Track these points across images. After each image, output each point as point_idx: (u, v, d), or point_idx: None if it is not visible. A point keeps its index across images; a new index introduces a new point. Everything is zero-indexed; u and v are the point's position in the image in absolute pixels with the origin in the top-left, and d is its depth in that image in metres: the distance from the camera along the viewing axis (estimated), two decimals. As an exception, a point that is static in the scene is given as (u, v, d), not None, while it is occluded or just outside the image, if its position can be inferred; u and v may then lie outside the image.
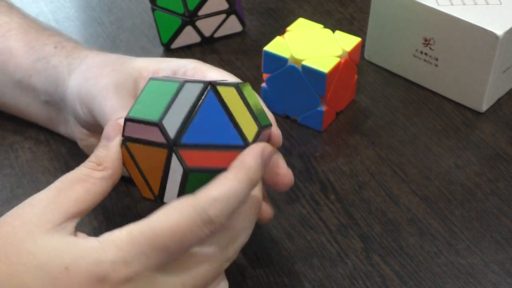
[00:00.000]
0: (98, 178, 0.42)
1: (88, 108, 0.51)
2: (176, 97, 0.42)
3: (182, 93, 0.42)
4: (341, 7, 0.76)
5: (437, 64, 0.64)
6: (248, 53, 0.70)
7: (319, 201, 0.56)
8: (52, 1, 0.76)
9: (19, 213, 0.41)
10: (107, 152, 0.43)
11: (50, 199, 0.41)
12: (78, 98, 0.52)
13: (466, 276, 0.51)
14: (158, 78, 0.44)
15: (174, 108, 0.41)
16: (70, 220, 0.41)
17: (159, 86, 0.43)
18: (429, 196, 0.56)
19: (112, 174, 0.43)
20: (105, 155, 0.43)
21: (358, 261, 0.51)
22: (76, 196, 0.41)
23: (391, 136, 0.62)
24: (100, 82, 0.50)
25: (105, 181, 0.42)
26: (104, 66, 0.52)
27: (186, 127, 0.41)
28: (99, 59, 0.53)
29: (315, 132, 0.62)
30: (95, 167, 0.43)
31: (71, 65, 0.54)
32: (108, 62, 0.53)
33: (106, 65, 0.52)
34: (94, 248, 0.39)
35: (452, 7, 0.62)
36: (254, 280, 0.50)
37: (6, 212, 0.54)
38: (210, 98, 0.41)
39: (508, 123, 0.63)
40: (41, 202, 0.41)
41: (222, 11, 0.70)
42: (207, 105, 0.41)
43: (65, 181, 0.42)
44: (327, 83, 0.58)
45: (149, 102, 0.43)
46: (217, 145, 0.41)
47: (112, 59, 0.53)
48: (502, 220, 0.55)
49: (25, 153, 0.58)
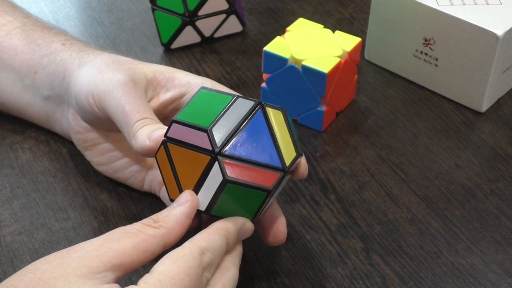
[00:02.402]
0: (150, 234, 0.42)
1: (100, 100, 0.50)
2: (228, 109, 0.44)
3: (234, 107, 0.44)
4: (341, 7, 0.76)
5: (437, 64, 0.64)
6: (248, 53, 0.70)
7: (319, 201, 0.56)
8: (52, 1, 0.76)
9: (62, 255, 0.41)
10: (169, 213, 0.44)
11: (95, 247, 0.41)
12: (88, 89, 0.51)
13: (466, 276, 0.51)
14: (209, 89, 0.46)
15: (224, 119, 0.43)
16: (110, 271, 0.40)
17: (210, 97, 0.45)
18: (429, 196, 0.56)
19: (165, 234, 0.42)
20: (166, 215, 0.43)
21: (358, 261, 0.51)
22: (121, 249, 0.41)
23: (391, 136, 0.62)
24: (118, 77, 0.50)
25: (157, 239, 0.42)
26: (119, 63, 0.52)
27: (233, 139, 0.43)
28: (114, 58, 0.53)
29: (315, 132, 0.62)
30: (151, 223, 0.43)
31: (82, 59, 0.54)
32: (124, 61, 0.53)
33: (121, 63, 0.52)
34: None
35: (452, 7, 0.62)
36: (254, 280, 0.50)
37: (5, 212, 0.54)
38: (258, 117, 0.44)
39: (508, 123, 0.63)
40: (86, 248, 0.41)
41: (222, 11, 0.70)
42: (254, 123, 0.43)
43: (115, 232, 0.42)
44: (327, 83, 0.58)
45: (198, 109, 0.44)
46: (256, 162, 0.43)
47: (127, 59, 0.53)
48: (502, 220, 0.55)
49: (25, 153, 0.58)
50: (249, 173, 0.43)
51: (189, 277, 0.40)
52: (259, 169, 0.43)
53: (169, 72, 0.52)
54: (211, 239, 0.43)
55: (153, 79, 0.52)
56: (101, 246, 0.41)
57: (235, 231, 0.44)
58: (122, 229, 0.42)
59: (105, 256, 0.40)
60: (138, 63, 0.53)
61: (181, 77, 0.52)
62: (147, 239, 0.41)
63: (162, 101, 0.52)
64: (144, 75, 0.52)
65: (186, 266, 0.41)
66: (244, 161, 0.43)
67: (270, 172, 0.43)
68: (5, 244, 0.52)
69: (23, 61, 0.57)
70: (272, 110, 0.45)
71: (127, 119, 0.48)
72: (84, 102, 0.51)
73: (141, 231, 0.42)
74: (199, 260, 0.41)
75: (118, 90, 0.49)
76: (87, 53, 0.55)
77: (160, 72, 0.52)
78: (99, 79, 0.51)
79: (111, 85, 0.50)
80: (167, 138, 0.45)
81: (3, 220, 0.53)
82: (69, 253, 0.40)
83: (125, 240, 0.41)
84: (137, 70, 0.52)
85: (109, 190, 0.56)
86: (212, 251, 0.42)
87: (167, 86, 0.52)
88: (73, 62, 0.54)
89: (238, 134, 0.43)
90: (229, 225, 0.44)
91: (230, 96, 0.45)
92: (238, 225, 0.44)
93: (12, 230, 0.53)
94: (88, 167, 0.57)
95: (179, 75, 0.52)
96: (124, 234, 0.41)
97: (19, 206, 0.54)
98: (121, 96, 0.49)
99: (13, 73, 0.57)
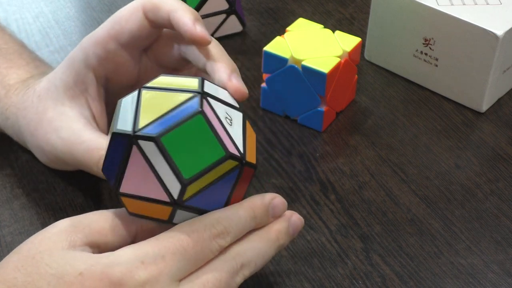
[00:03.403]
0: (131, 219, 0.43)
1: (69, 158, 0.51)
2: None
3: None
4: (341, 7, 0.76)
5: (437, 64, 0.64)
6: (248, 53, 0.70)
7: (319, 201, 0.56)
8: (52, 1, 0.76)
9: (42, 233, 0.42)
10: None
11: (73, 222, 0.42)
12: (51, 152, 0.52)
13: (466, 276, 0.51)
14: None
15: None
16: (88, 246, 0.41)
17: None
18: (429, 196, 0.56)
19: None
20: None
21: (358, 261, 0.51)
22: (99, 228, 0.42)
23: (391, 136, 0.62)
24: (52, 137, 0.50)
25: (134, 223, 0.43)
26: (43, 112, 0.51)
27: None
28: (35, 110, 0.52)
29: (315, 132, 0.62)
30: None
31: (19, 121, 0.53)
32: (44, 102, 0.52)
33: (48, 108, 0.51)
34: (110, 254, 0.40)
35: (452, 7, 0.62)
36: (254, 280, 0.50)
37: (5, 212, 0.54)
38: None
39: (508, 123, 0.63)
40: (64, 223, 0.42)
41: (222, 11, 0.70)
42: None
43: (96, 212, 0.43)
44: (327, 83, 0.58)
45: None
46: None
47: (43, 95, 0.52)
48: (502, 220, 0.55)
49: (25, 153, 0.58)
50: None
51: (190, 238, 0.40)
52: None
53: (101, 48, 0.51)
54: (230, 210, 0.42)
55: (86, 58, 0.51)
56: (79, 222, 0.42)
57: (261, 205, 0.44)
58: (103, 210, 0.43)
59: (83, 232, 0.41)
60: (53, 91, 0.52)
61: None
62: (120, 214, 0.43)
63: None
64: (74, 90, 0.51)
65: (190, 229, 0.41)
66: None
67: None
68: (5, 244, 0.52)
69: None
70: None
71: (87, 159, 0.49)
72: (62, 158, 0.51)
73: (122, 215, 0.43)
74: (209, 226, 0.41)
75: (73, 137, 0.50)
76: (18, 108, 0.53)
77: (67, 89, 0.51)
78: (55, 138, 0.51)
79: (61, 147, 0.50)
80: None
81: (3, 220, 0.53)
82: (48, 229, 0.42)
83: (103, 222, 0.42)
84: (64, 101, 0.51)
85: (109, 190, 0.56)
86: (229, 220, 0.42)
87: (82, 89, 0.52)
88: (21, 130, 0.54)
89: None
90: (255, 200, 0.44)
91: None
92: (266, 200, 0.44)
93: (12, 230, 0.53)
94: (88, 167, 0.57)
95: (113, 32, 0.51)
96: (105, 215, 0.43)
97: (19, 206, 0.54)
98: (80, 144, 0.49)
99: None
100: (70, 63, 0.51)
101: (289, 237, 0.45)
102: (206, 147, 0.40)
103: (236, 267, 0.42)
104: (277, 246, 0.44)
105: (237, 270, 0.42)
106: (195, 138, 0.40)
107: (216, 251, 0.41)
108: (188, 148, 0.40)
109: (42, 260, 0.40)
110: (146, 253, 0.40)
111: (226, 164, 0.41)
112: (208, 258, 0.41)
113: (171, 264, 0.40)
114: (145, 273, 0.39)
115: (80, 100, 0.51)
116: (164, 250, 0.40)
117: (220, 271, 0.41)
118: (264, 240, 0.44)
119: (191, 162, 0.40)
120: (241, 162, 0.41)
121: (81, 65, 0.50)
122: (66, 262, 0.39)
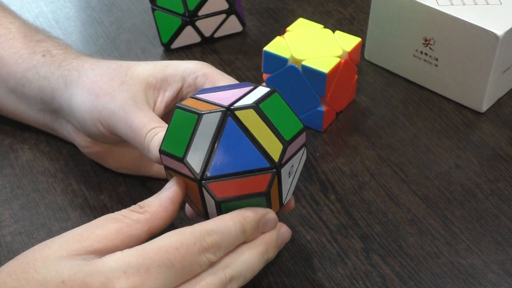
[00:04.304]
0: (134, 220, 0.42)
1: (106, 124, 0.50)
2: (196, 130, 0.42)
3: (202, 126, 0.42)
4: (341, 7, 0.76)
5: (437, 64, 0.64)
6: (248, 53, 0.70)
7: (319, 201, 0.56)
8: (52, 1, 0.76)
9: (46, 242, 0.41)
10: (154, 198, 0.44)
11: (79, 231, 0.41)
12: (90, 115, 0.51)
13: (466, 276, 0.51)
14: (182, 107, 0.44)
15: (196, 142, 0.42)
16: (93, 254, 0.40)
17: (182, 117, 0.43)
18: (429, 196, 0.56)
19: (149, 219, 0.42)
20: (151, 201, 0.43)
21: (358, 261, 0.51)
22: (105, 233, 0.41)
23: (391, 136, 0.62)
24: (116, 98, 0.50)
25: (140, 224, 0.42)
26: (110, 79, 0.51)
27: (211, 159, 0.42)
28: (100, 71, 0.52)
29: (315, 132, 0.62)
30: (136, 209, 0.43)
31: (66, 77, 0.53)
32: (111, 74, 0.52)
33: (112, 78, 0.51)
34: (97, 260, 0.40)
35: (452, 7, 0.62)
36: (254, 280, 0.50)
37: (6, 212, 0.54)
38: (230, 126, 0.42)
39: (508, 123, 0.63)
40: (70, 233, 0.41)
41: (222, 11, 0.70)
42: (228, 134, 0.42)
43: (101, 218, 0.42)
44: (327, 83, 0.58)
45: (176, 134, 0.43)
46: (244, 172, 0.42)
47: (114, 69, 0.52)
48: (502, 220, 0.55)
49: (25, 153, 0.58)
50: (238, 185, 0.42)
51: (178, 251, 0.40)
52: (248, 177, 0.42)
53: (159, 72, 0.52)
54: (222, 222, 0.42)
55: (147, 87, 0.51)
56: (85, 231, 0.41)
57: (253, 220, 0.43)
58: (107, 216, 0.42)
59: (87, 240, 0.41)
60: (126, 71, 0.52)
61: (173, 72, 0.52)
62: (131, 224, 0.42)
63: (166, 103, 0.52)
64: (140, 86, 0.51)
65: (179, 241, 0.40)
66: (230, 175, 0.42)
67: (260, 176, 0.42)
68: (5, 244, 0.52)
69: (10, 73, 0.56)
70: (243, 112, 0.42)
71: (137, 136, 0.48)
72: (93, 129, 0.51)
73: (125, 217, 0.42)
74: (198, 239, 0.40)
75: (121, 111, 0.49)
76: (68, 69, 0.54)
77: (151, 76, 0.52)
78: (100, 104, 0.50)
79: (113, 108, 0.50)
80: (164, 166, 0.44)
81: (3, 220, 0.53)
82: (53, 239, 0.41)
83: (109, 226, 0.41)
84: (131, 83, 0.51)
85: (109, 190, 0.56)
86: (220, 234, 0.41)
87: (163, 87, 0.52)
88: (58, 81, 0.53)
89: (216, 152, 0.42)
90: (247, 213, 0.43)
91: (196, 114, 0.42)
92: (259, 214, 0.43)
93: (12, 230, 0.53)
94: (88, 167, 0.57)
95: (170, 71, 0.52)
96: (109, 220, 0.42)
97: (19, 206, 0.54)
98: (125, 117, 0.49)
99: (4, 84, 0.57)
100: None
101: (278, 249, 0.45)
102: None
103: (225, 280, 0.42)
104: (265, 259, 0.44)
105: (226, 283, 0.42)
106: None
107: (205, 266, 0.41)
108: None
109: (33, 267, 0.40)
110: (129, 263, 0.39)
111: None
112: (196, 272, 0.41)
113: (155, 277, 0.39)
114: (126, 284, 0.39)
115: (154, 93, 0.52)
116: (149, 262, 0.39)
117: (209, 284, 0.41)
118: (254, 253, 0.43)
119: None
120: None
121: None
122: (53, 270, 0.39)
